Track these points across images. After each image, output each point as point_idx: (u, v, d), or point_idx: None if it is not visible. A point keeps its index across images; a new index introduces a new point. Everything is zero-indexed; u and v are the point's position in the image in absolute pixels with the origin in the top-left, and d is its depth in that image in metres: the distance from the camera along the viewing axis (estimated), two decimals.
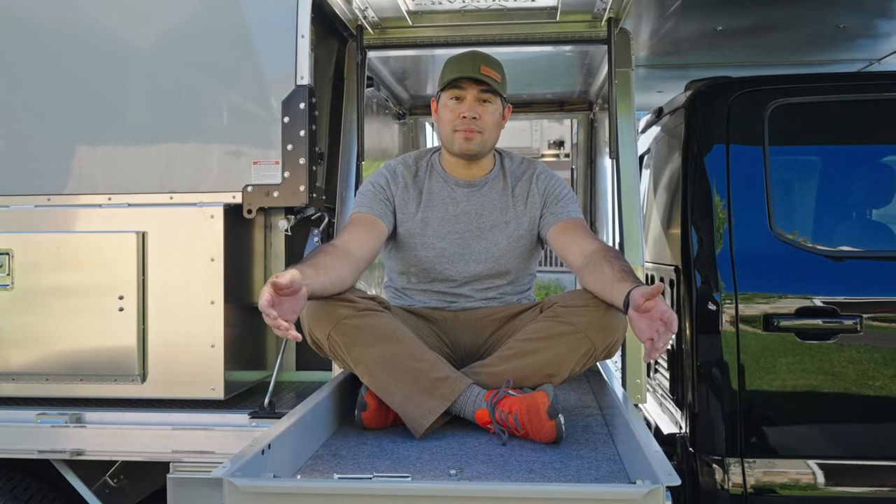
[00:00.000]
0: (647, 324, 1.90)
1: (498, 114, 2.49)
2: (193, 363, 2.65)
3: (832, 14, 3.30)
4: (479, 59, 2.43)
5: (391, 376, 2.13)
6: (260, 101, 2.73)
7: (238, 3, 2.73)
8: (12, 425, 2.67)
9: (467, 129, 2.43)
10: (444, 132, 2.50)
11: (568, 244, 2.43)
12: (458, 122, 2.43)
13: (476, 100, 2.43)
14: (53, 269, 2.69)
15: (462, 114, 2.43)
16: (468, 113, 2.42)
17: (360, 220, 2.44)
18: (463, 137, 2.44)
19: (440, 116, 2.51)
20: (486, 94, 2.43)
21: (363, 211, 2.47)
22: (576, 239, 2.42)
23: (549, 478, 1.77)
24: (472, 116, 2.42)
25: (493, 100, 2.45)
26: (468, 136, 2.43)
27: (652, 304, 1.90)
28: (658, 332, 1.87)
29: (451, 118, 2.45)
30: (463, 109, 2.43)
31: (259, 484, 1.50)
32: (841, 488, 2.58)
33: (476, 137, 2.44)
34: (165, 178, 2.74)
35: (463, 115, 2.42)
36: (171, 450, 2.61)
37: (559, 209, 2.51)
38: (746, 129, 2.73)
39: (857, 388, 2.57)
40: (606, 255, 2.26)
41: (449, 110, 2.46)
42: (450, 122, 2.45)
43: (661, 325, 1.87)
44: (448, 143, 2.50)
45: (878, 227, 2.95)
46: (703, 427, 2.66)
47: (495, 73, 2.43)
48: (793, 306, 2.60)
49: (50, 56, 2.79)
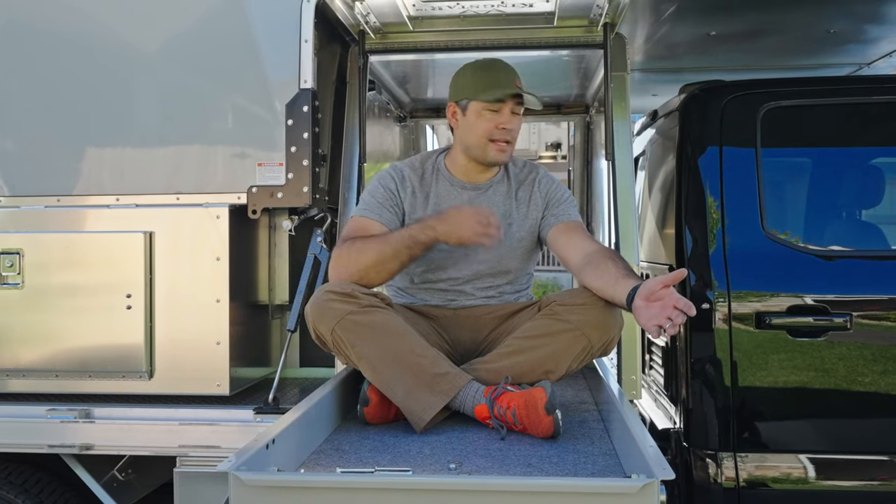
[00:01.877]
0: (659, 310, 1.93)
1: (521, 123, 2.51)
2: (199, 360, 2.65)
3: (823, 19, 3.30)
4: (510, 73, 2.43)
5: (393, 372, 2.13)
6: (264, 105, 2.73)
7: (243, 9, 2.74)
8: (23, 420, 2.67)
9: (503, 140, 2.43)
10: (475, 140, 2.45)
11: (568, 244, 2.43)
12: (496, 132, 2.42)
13: (511, 112, 2.43)
14: (63, 268, 2.69)
15: (502, 125, 2.41)
16: (507, 124, 2.42)
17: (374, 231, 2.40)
18: (498, 149, 2.44)
19: (471, 125, 2.45)
20: (518, 106, 2.44)
21: (373, 218, 2.44)
22: (575, 240, 2.43)
23: (547, 472, 1.77)
24: (510, 128, 2.42)
25: (520, 111, 2.46)
26: (503, 147, 2.44)
27: (667, 292, 1.94)
28: (671, 317, 1.90)
29: (488, 128, 2.42)
30: (502, 121, 2.41)
31: (263, 478, 1.50)
32: (831, 482, 2.58)
33: (509, 149, 2.46)
34: (172, 179, 2.74)
35: (503, 126, 2.41)
36: (178, 444, 2.61)
37: (560, 212, 2.51)
38: (739, 131, 2.73)
39: (847, 385, 2.57)
40: (609, 255, 2.29)
41: (486, 120, 2.42)
42: (486, 131, 2.43)
43: (674, 311, 1.90)
44: (479, 151, 2.46)
45: (867, 227, 2.95)
46: (696, 422, 2.66)
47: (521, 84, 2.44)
48: (784, 304, 2.60)
49: (59, 61, 2.80)
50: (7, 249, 2.69)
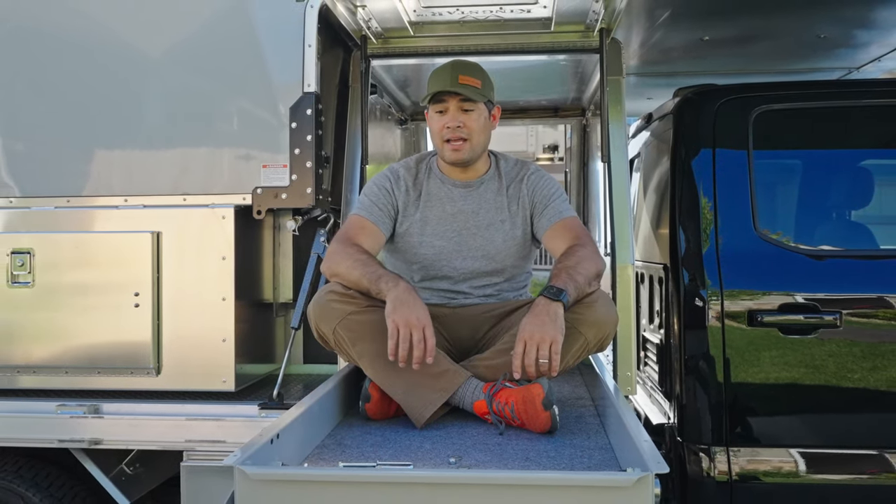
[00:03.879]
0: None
1: (483, 118, 2.46)
2: (206, 357, 2.65)
3: (813, 25, 3.30)
4: (456, 69, 2.42)
5: (394, 369, 2.13)
6: (269, 108, 2.73)
7: (248, 15, 2.74)
8: (34, 416, 2.67)
9: (454, 138, 2.43)
10: (435, 143, 2.51)
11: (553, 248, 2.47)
12: (445, 132, 2.44)
13: (458, 109, 2.42)
14: (72, 268, 2.69)
15: (446, 124, 2.43)
16: (451, 123, 2.42)
17: (367, 229, 2.43)
18: (451, 148, 2.44)
19: (430, 127, 2.52)
20: (466, 102, 2.42)
21: (364, 216, 2.46)
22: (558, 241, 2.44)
23: (544, 466, 1.77)
24: (456, 125, 2.42)
25: (475, 106, 2.44)
26: (456, 146, 2.44)
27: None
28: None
29: (438, 129, 2.45)
30: (446, 120, 2.43)
31: (268, 472, 1.50)
32: (821, 475, 2.58)
33: (464, 146, 2.44)
34: (179, 180, 2.74)
35: (447, 125, 2.42)
36: (185, 439, 2.61)
37: (550, 212, 2.50)
38: (732, 134, 2.72)
39: (837, 381, 2.57)
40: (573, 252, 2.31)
41: (434, 122, 2.46)
42: (437, 133, 2.46)
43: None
44: (440, 153, 2.51)
45: (856, 227, 2.95)
46: (690, 417, 2.66)
47: (474, 79, 2.41)
48: (776, 303, 2.60)
49: (69, 66, 2.80)
50: (18, 249, 2.69)
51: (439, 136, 2.45)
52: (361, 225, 2.45)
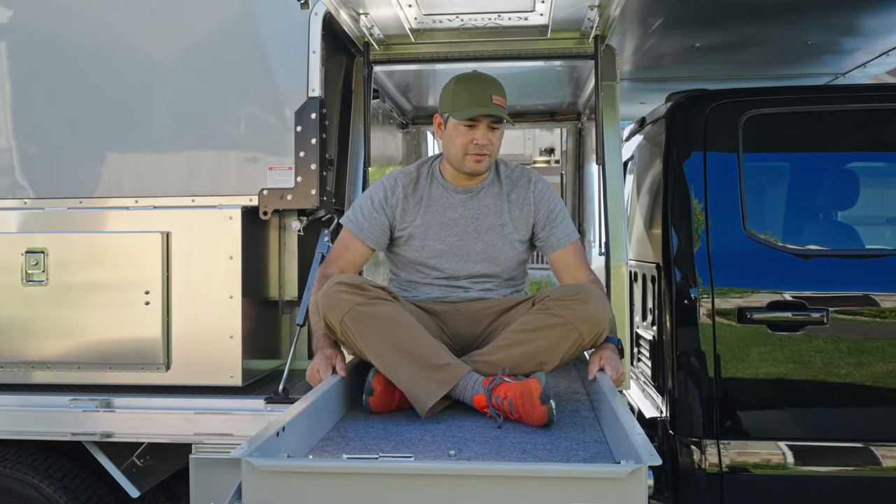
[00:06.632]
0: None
1: (503, 134, 2.48)
2: (214, 353, 2.65)
3: (801, 32, 3.30)
4: (489, 89, 2.38)
5: (398, 360, 2.13)
6: (274, 112, 2.73)
7: (255, 23, 2.74)
8: (48, 410, 2.67)
9: (479, 154, 2.41)
10: (453, 153, 2.45)
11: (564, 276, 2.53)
12: (472, 147, 2.40)
13: (487, 128, 2.40)
14: (85, 267, 2.69)
15: (476, 140, 2.39)
16: (481, 140, 2.39)
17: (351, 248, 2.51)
18: (474, 161, 2.42)
19: (450, 138, 2.44)
20: (496, 122, 2.41)
21: (354, 232, 2.51)
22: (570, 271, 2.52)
23: (541, 458, 1.77)
24: (485, 143, 2.40)
25: (501, 126, 2.43)
26: (479, 159, 2.42)
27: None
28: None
29: (464, 142, 2.40)
30: (477, 136, 2.39)
31: (274, 463, 1.50)
32: (808, 468, 2.58)
33: (486, 160, 2.43)
34: (188, 182, 2.74)
35: (476, 141, 2.39)
36: (193, 432, 2.61)
37: (561, 232, 2.52)
38: (722, 137, 2.72)
39: (824, 376, 2.57)
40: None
41: (461, 135, 2.41)
42: (462, 145, 2.41)
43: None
44: (458, 163, 2.46)
45: (843, 227, 2.95)
46: (682, 411, 2.66)
47: (503, 99, 2.39)
48: (765, 300, 2.60)
49: (82, 71, 2.80)
50: (33, 248, 2.69)
51: (463, 148, 2.41)
52: (347, 245, 2.52)
